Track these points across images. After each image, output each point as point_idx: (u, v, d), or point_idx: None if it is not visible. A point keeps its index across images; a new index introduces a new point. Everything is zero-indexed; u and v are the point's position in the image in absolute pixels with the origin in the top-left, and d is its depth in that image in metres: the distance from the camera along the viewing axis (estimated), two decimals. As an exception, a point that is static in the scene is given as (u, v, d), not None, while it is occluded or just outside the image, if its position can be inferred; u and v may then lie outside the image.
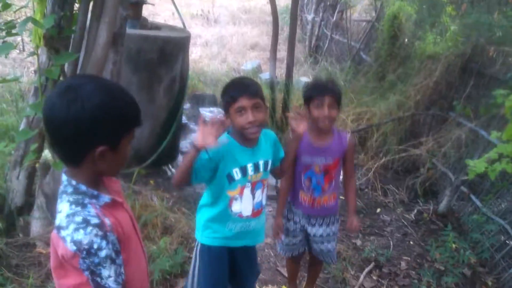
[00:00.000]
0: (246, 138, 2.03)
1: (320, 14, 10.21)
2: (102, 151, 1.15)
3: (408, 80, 5.31)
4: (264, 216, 2.24)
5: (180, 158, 5.08)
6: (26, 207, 3.16)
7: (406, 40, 5.94)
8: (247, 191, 2.08)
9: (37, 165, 3.08)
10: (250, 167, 2.06)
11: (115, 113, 1.15)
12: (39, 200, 3.07)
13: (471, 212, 4.04)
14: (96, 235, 1.11)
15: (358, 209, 4.45)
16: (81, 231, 1.11)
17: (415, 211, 4.38)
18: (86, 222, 1.13)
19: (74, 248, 1.10)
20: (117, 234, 1.20)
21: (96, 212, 1.17)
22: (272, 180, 4.54)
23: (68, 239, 1.11)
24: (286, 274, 3.17)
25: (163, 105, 4.52)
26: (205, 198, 2.18)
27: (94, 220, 1.14)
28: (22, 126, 2.98)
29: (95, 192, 1.21)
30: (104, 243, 1.13)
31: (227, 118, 2.02)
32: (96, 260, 1.12)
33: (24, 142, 2.99)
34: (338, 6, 9.37)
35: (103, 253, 1.12)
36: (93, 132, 1.13)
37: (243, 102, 1.94)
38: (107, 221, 1.17)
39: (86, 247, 1.10)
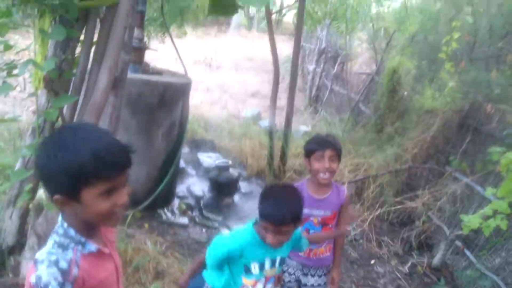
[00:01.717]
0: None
1: (321, 65, 10.42)
2: (57, 199, 1.19)
3: (406, 133, 5.35)
4: None
5: (176, 202, 5.04)
6: (18, 247, 3.12)
7: (405, 93, 6.03)
8: (259, 285, 2.10)
9: (30, 205, 3.06)
10: (267, 263, 2.08)
11: (64, 165, 1.14)
12: (31, 240, 3.02)
13: (465, 266, 3.99)
14: (55, 278, 1.15)
15: (352, 259, 4.40)
16: (47, 269, 1.16)
17: (409, 263, 4.32)
18: (55, 263, 1.18)
19: (34, 281, 1.15)
20: (76, 287, 1.21)
21: (72, 258, 1.21)
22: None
23: (37, 272, 1.17)
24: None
25: (161, 149, 4.53)
26: (214, 279, 2.15)
27: (63, 265, 1.18)
28: (18, 166, 2.97)
29: (83, 239, 1.25)
30: None
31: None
32: None
33: (19, 182, 2.98)
34: (339, 58, 9.57)
35: None
36: (47, 181, 1.21)
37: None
38: (75, 271, 1.20)
39: (42, 285, 1.15)
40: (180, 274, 3.34)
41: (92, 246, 1.26)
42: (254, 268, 2.04)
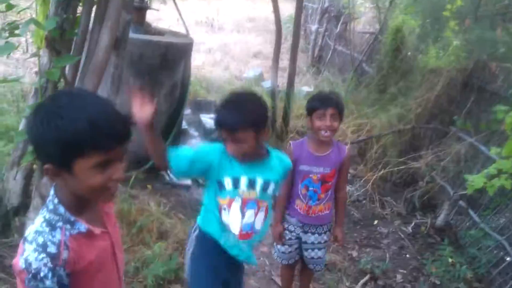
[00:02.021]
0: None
1: (324, 25, 10.25)
2: (47, 169, 1.14)
3: (410, 93, 5.31)
4: (253, 243, 2.07)
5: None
6: (22, 208, 3.15)
7: (408, 53, 5.95)
8: (235, 205, 1.93)
9: (34, 166, 3.08)
10: (243, 181, 1.93)
11: (55, 133, 1.09)
12: (35, 201, 3.05)
13: (469, 227, 4.02)
14: (45, 264, 1.12)
15: (355, 220, 4.45)
16: (35, 254, 1.12)
17: (413, 224, 4.37)
18: (43, 248, 1.13)
19: (23, 266, 1.12)
20: (70, 269, 1.18)
21: (60, 240, 1.16)
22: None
23: (25, 254, 1.13)
24: (280, 283, 3.15)
25: (163, 111, 4.52)
26: (204, 198, 2.07)
27: (51, 249, 1.14)
28: (21, 127, 2.98)
29: (72, 218, 1.20)
30: (50, 275, 1.12)
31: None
32: (41, 286, 1.12)
33: (23, 143, 2.99)
34: (342, 17, 9.40)
35: (47, 283, 1.12)
36: (39, 149, 1.15)
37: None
38: (65, 254, 1.16)
39: (33, 271, 1.11)
40: (183, 235, 3.38)
41: (82, 226, 1.20)
42: (228, 184, 1.91)
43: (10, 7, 2.26)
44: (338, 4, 9.81)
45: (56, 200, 1.20)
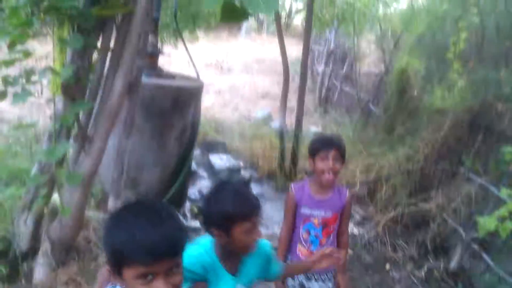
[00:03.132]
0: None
1: (330, 66, 10.44)
2: (106, 270, 1.27)
3: (417, 133, 5.34)
4: None
5: (187, 205, 5.09)
6: (31, 253, 3.13)
7: (414, 93, 6.03)
8: None
9: (45, 210, 3.09)
10: None
11: (109, 239, 1.21)
12: (45, 245, 3.05)
13: (483, 271, 3.93)
14: None
15: (367, 264, 4.37)
16: None
17: (425, 268, 4.27)
18: None
19: None
20: None
21: None
22: (269, 231, 4.50)
23: None
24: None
25: (173, 153, 4.58)
26: None
27: None
28: (34, 171, 3.02)
29: None
30: None
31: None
32: None
33: (35, 187, 3.02)
34: (348, 59, 9.59)
35: None
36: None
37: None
38: None
39: None
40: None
41: None
42: None
43: (27, 55, 2.36)
44: (343, 46, 10.02)
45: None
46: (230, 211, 1.61)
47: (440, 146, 4.95)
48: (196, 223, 4.72)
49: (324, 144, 2.44)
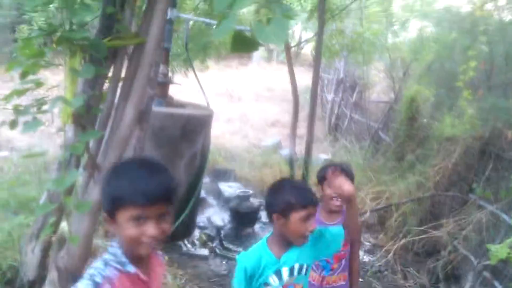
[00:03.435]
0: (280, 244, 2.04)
1: (340, 94, 10.50)
2: (104, 217, 1.39)
3: (427, 161, 5.32)
4: None
5: (196, 232, 5.08)
6: (38, 281, 3.12)
7: (424, 121, 6.03)
8: None
9: (53, 238, 3.10)
10: (285, 272, 2.01)
11: (109, 186, 1.37)
12: (52, 274, 3.03)
13: (496, 299, 3.84)
14: None
15: (378, 293, 4.31)
16: (84, 281, 1.31)
17: (437, 296, 4.20)
18: (90, 277, 1.32)
19: None
20: None
21: (107, 275, 1.32)
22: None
23: (78, 283, 1.33)
24: None
25: (182, 180, 4.61)
26: None
27: (97, 279, 1.31)
28: (43, 199, 3.04)
29: (124, 259, 1.37)
30: None
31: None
32: None
33: (43, 216, 3.03)
34: (357, 87, 9.64)
35: None
36: (101, 198, 1.44)
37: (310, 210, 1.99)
38: (107, 287, 1.31)
39: None
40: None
41: (131, 268, 1.36)
42: (274, 281, 1.99)
43: (39, 84, 2.42)
44: (353, 74, 10.09)
45: (116, 244, 1.39)
46: (291, 199, 1.90)
47: (450, 174, 4.93)
48: (205, 251, 4.70)
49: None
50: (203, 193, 5.86)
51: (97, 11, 2.64)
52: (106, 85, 2.77)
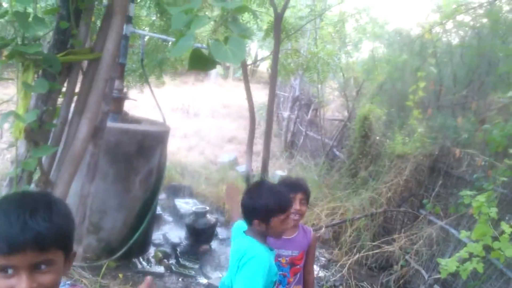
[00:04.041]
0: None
1: (295, 112, 10.68)
2: None
3: (380, 177, 5.48)
4: None
5: (152, 250, 4.97)
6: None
7: (377, 139, 6.23)
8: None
9: None
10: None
11: None
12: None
13: (446, 312, 3.97)
14: None
15: (333, 308, 4.35)
16: None
17: (390, 310, 4.30)
18: None
19: None
20: None
21: None
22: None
23: None
24: None
25: (138, 197, 4.51)
26: None
27: None
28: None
29: None
30: None
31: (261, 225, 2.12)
32: None
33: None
34: (312, 105, 9.85)
35: None
36: None
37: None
38: None
39: None
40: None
41: None
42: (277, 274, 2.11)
43: (-10, 99, 2.33)
44: (308, 92, 10.32)
45: None
46: (271, 205, 2.02)
47: (402, 190, 5.10)
48: (160, 269, 4.59)
49: (291, 188, 2.48)
50: (159, 210, 5.75)
51: (51, 26, 2.58)
52: (60, 100, 2.70)
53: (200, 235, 5.44)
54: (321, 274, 4.97)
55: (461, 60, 5.16)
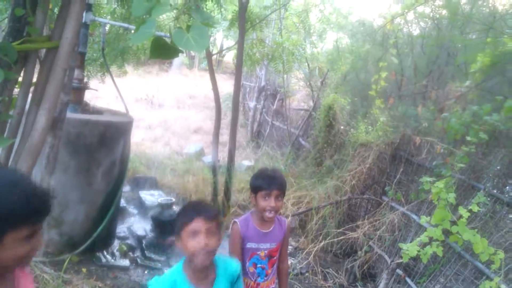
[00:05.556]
0: (197, 272, 1.89)
1: (262, 102, 10.70)
2: None
3: (344, 166, 5.58)
4: None
5: (116, 243, 4.89)
6: None
7: (341, 128, 6.32)
8: None
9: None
10: None
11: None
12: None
13: (408, 295, 4.09)
14: None
15: (299, 294, 4.42)
16: None
17: (355, 295, 4.40)
18: None
19: None
20: None
21: None
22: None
23: None
24: None
25: (100, 189, 4.42)
26: None
27: None
28: None
29: None
30: None
31: (178, 241, 1.93)
32: None
33: None
34: (278, 95, 9.89)
35: None
36: None
37: (198, 224, 1.86)
38: None
39: None
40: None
41: None
42: None
43: None
44: (274, 83, 10.34)
45: None
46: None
47: (365, 178, 5.20)
48: (125, 262, 4.53)
49: (266, 183, 2.45)
50: (123, 202, 5.66)
51: (6, 13, 2.48)
52: (16, 90, 2.61)
53: (166, 227, 5.39)
54: (288, 262, 5.02)
55: (421, 50, 5.28)
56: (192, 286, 1.87)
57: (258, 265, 2.55)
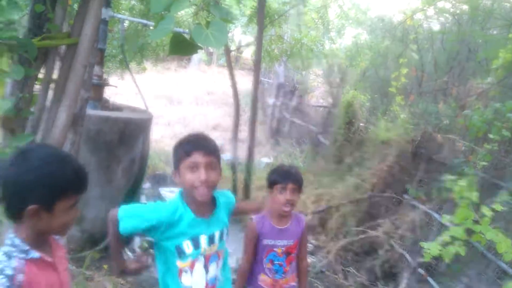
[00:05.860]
0: (197, 202, 1.87)
1: (280, 99, 10.65)
2: (32, 209, 1.32)
3: (364, 163, 5.51)
4: None
5: (137, 240, 4.92)
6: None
7: (360, 125, 6.25)
8: (199, 265, 1.89)
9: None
10: (203, 240, 1.89)
11: (47, 178, 1.33)
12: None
13: (430, 295, 4.03)
14: (2, 284, 1.28)
15: (319, 293, 4.38)
16: None
17: (376, 294, 4.34)
18: (1, 271, 1.30)
19: None
20: None
21: (17, 266, 1.32)
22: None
23: None
24: None
25: (121, 186, 4.45)
26: (158, 266, 2.02)
27: (8, 271, 1.30)
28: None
29: (26, 247, 1.36)
30: None
31: (176, 175, 1.92)
32: None
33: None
34: (297, 91, 9.83)
35: None
36: (26, 193, 1.32)
37: (197, 158, 1.83)
38: (20, 277, 1.32)
39: None
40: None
41: (35, 254, 1.38)
42: (188, 247, 1.85)
43: (-36, 87, 2.25)
44: (292, 79, 10.29)
45: (12, 235, 1.37)
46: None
47: (386, 175, 5.12)
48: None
49: (282, 177, 2.46)
50: (143, 199, 5.70)
51: (26, 9, 2.50)
52: (36, 87, 2.63)
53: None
54: (308, 260, 4.99)
55: (441, 46, 5.18)
56: (194, 214, 1.88)
57: (276, 262, 2.53)
